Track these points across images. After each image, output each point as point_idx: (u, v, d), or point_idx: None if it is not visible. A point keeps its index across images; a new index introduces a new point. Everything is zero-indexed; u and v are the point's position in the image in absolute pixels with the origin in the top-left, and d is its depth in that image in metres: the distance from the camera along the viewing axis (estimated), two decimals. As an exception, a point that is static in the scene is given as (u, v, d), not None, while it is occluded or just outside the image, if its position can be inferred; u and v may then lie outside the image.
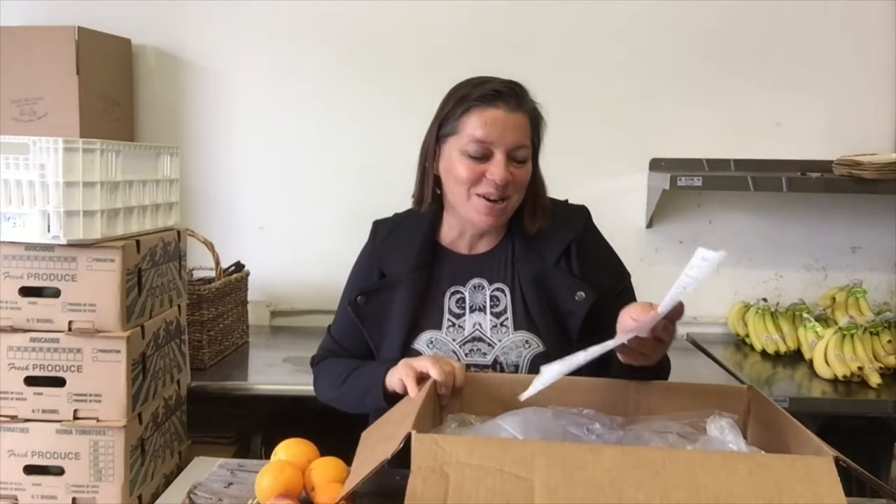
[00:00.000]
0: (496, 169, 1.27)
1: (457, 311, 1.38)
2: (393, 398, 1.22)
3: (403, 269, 1.39)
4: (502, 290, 1.38)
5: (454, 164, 1.31)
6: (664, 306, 1.02)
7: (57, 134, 1.55)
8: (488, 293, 1.38)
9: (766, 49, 2.47)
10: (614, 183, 2.50)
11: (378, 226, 1.50)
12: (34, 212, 1.46)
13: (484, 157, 1.29)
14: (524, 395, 1.08)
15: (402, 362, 1.21)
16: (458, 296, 1.39)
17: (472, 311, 1.37)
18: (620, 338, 1.08)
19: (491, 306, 1.37)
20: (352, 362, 1.41)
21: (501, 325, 1.35)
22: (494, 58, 2.37)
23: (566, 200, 1.46)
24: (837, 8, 2.45)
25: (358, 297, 1.40)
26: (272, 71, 2.53)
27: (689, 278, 0.96)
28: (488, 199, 1.30)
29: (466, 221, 1.37)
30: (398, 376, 1.20)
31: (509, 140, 1.28)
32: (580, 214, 1.42)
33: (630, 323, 1.07)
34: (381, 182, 2.33)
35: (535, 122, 1.35)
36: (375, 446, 0.99)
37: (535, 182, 1.38)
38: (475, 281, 1.39)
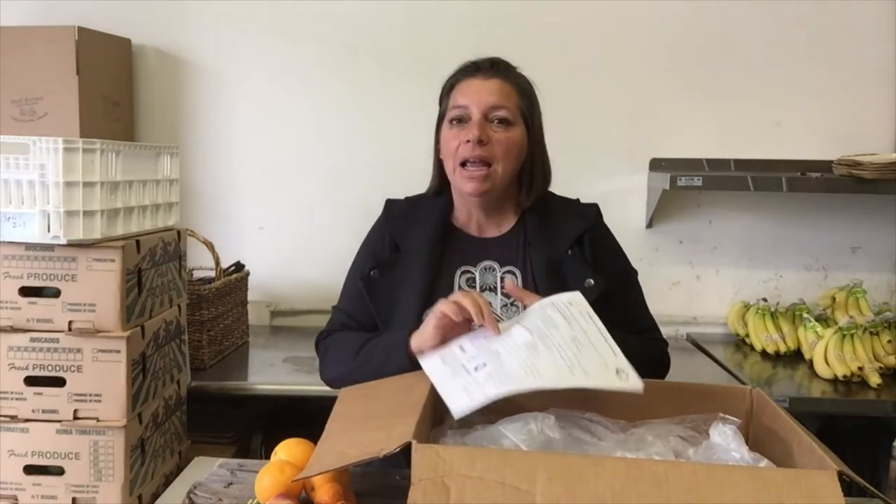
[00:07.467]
0: (471, 127, 1.32)
1: (467, 289, 1.37)
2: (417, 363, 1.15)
3: (420, 243, 1.40)
4: (514, 273, 1.38)
5: (442, 138, 1.38)
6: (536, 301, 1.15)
7: (57, 134, 1.55)
8: (499, 275, 1.39)
9: (766, 49, 2.47)
10: (614, 183, 2.50)
11: (392, 203, 1.50)
12: (34, 212, 1.46)
13: (464, 121, 1.34)
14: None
15: (435, 311, 1.13)
16: (468, 275, 1.39)
17: (482, 290, 1.37)
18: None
19: (502, 287, 1.37)
20: (365, 334, 1.36)
21: (512, 304, 1.36)
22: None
23: (577, 199, 1.49)
24: (837, 8, 2.45)
25: (372, 271, 1.39)
26: (272, 71, 2.53)
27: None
28: (470, 165, 1.32)
29: (463, 197, 1.40)
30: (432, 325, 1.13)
31: (484, 101, 1.33)
32: (593, 209, 1.46)
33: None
34: (382, 182, 2.33)
35: (522, 92, 1.38)
36: (367, 429, 0.97)
37: (533, 154, 1.39)
38: (485, 263, 1.40)
